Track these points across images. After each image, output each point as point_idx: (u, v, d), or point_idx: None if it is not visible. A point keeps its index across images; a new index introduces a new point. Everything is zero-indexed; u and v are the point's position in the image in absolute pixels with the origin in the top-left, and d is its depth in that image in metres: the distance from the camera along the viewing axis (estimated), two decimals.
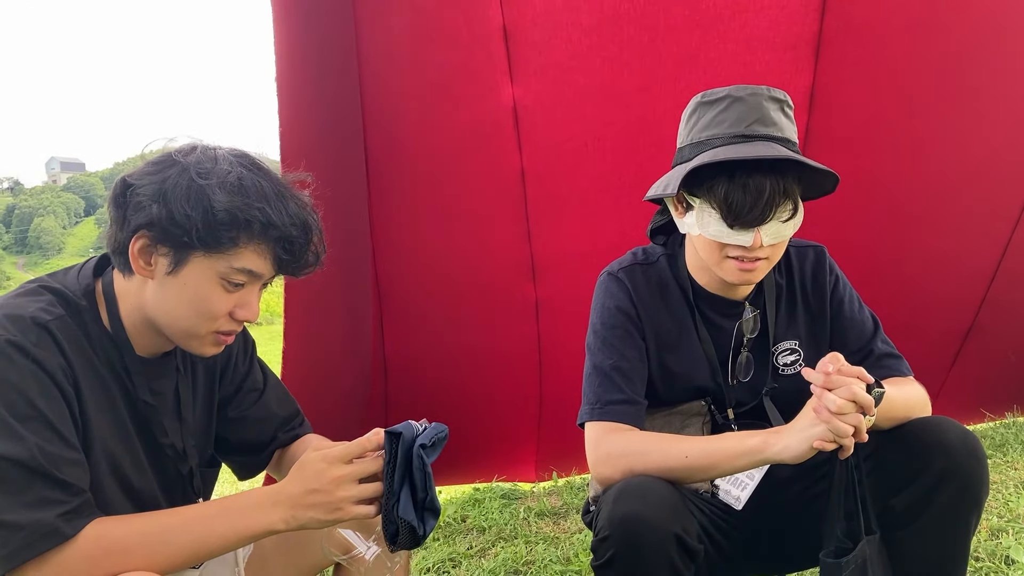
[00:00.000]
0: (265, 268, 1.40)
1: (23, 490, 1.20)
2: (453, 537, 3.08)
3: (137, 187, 1.35)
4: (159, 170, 1.35)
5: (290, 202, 1.40)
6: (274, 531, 1.35)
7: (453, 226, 2.93)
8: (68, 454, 1.26)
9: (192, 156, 1.37)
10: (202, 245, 1.33)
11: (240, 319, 1.42)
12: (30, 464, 1.21)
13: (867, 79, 2.77)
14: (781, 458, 1.47)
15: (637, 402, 1.71)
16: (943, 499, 1.50)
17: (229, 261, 1.35)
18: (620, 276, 1.80)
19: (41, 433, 1.23)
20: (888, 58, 2.74)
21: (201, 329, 1.40)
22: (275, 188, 1.39)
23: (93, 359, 1.39)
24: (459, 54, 2.64)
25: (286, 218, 1.37)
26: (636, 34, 2.63)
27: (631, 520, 1.44)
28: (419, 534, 1.36)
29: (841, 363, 1.43)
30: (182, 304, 1.38)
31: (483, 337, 3.14)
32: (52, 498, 1.22)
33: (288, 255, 1.40)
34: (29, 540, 1.19)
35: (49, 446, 1.23)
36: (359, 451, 1.35)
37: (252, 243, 1.36)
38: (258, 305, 1.44)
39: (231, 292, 1.39)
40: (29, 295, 1.36)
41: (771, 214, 1.56)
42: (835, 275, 1.82)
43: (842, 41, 2.69)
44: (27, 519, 1.19)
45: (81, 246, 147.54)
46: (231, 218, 1.32)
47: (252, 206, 1.33)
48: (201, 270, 1.36)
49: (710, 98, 1.65)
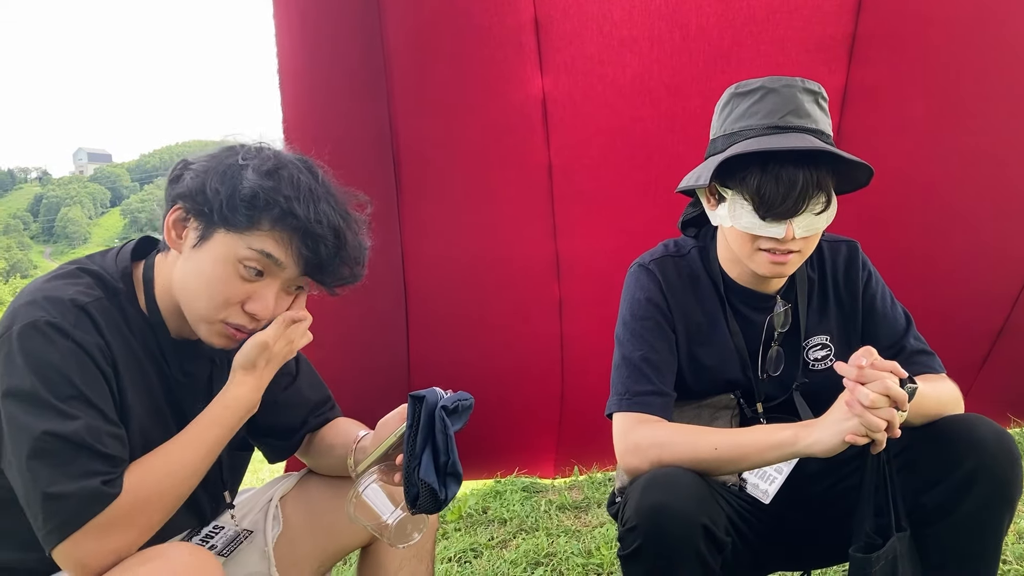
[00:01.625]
0: (285, 258, 1.38)
1: (69, 462, 1.23)
2: (474, 527, 3.09)
3: (191, 164, 1.39)
4: (217, 154, 1.40)
5: (323, 203, 1.39)
6: (252, 411, 1.49)
7: (480, 224, 2.92)
8: (110, 428, 1.29)
9: (251, 147, 1.41)
10: (222, 221, 1.35)
11: (250, 312, 1.40)
12: (74, 439, 1.23)
13: (902, 80, 2.73)
14: (812, 451, 1.46)
15: (666, 394, 1.70)
16: (975, 497, 1.48)
17: (248, 242, 1.36)
18: (651, 267, 1.80)
19: (84, 410, 1.26)
20: (925, 58, 2.69)
21: (211, 313, 1.40)
22: (315, 188, 1.39)
23: (130, 340, 1.41)
24: (490, 48, 2.63)
25: (312, 214, 1.36)
26: (667, 31, 2.60)
27: (659, 510, 1.44)
28: (440, 498, 1.37)
29: (875, 357, 1.42)
30: (199, 281, 1.39)
31: (506, 336, 3.14)
32: (96, 469, 1.24)
33: (312, 253, 1.38)
34: (79, 507, 1.22)
35: (93, 421, 1.26)
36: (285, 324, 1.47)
37: (273, 229, 1.36)
38: (272, 303, 1.42)
39: (248, 280, 1.38)
40: (68, 277, 1.38)
41: (804, 206, 1.55)
42: (868, 270, 1.81)
43: (877, 42, 2.65)
44: (73, 488, 1.22)
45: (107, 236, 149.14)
46: (252, 196, 1.34)
47: (279, 191, 1.35)
48: (221, 249, 1.37)
49: (744, 89, 1.65)
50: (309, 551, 1.67)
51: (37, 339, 1.26)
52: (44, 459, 1.22)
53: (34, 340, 1.26)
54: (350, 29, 2.55)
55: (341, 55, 2.57)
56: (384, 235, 2.77)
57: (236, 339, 1.44)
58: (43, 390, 1.24)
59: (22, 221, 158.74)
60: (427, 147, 2.77)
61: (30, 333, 1.26)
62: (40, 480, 1.22)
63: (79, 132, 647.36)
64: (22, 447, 1.23)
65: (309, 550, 1.67)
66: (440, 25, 2.61)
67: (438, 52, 2.63)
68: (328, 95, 2.59)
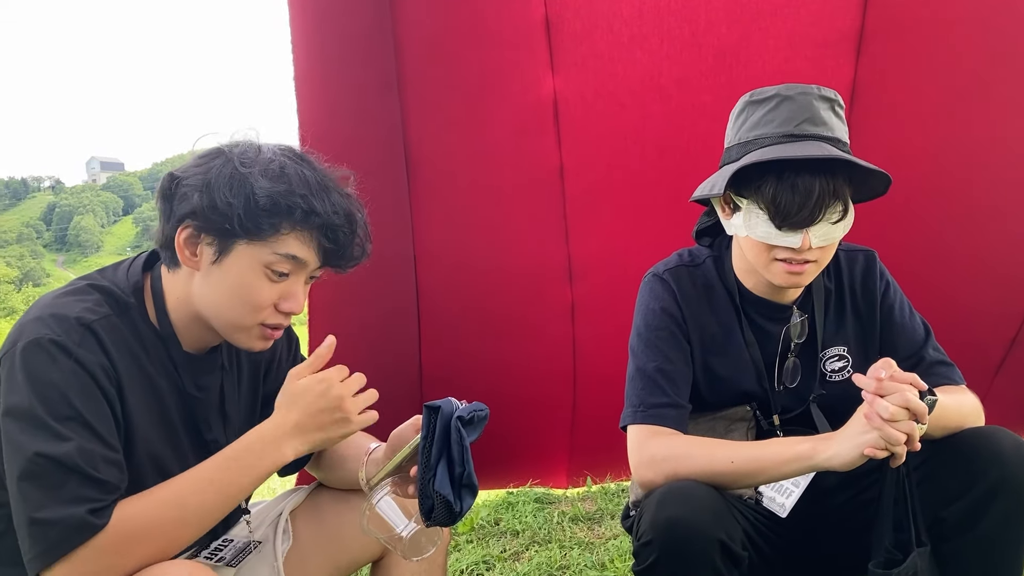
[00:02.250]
0: (309, 256, 1.40)
1: (58, 487, 1.21)
2: (486, 540, 3.07)
3: (183, 179, 1.37)
4: (204, 162, 1.38)
5: (333, 192, 1.41)
6: (283, 462, 1.38)
7: (492, 227, 2.91)
8: (106, 453, 1.27)
9: (237, 148, 1.39)
10: (244, 232, 1.34)
11: (285, 311, 1.43)
12: (67, 462, 1.21)
13: (910, 75, 2.73)
14: (830, 465, 1.44)
15: (681, 406, 1.68)
16: (997, 511, 1.46)
17: (273, 248, 1.36)
18: (665, 277, 1.78)
19: (80, 432, 1.24)
20: (932, 54, 2.70)
21: (247, 320, 1.41)
22: (319, 178, 1.40)
23: (140, 357, 1.40)
24: (501, 49, 2.63)
25: (328, 206, 1.38)
26: (677, 26, 2.62)
27: (675, 525, 1.42)
28: (455, 510, 1.35)
29: (894, 369, 1.40)
30: (227, 294, 1.39)
31: (518, 340, 3.12)
32: (86, 495, 1.22)
33: (332, 243, 1.41)
34: (63, 535, 1.20)
35: (87, 444, 1.24)
36: (322, 362, 1.41)
37: (295, 231, 1.37)
38: (304, 298, 1.44)
39: (276, 282, 1.40)
40: (77, 294, 1.37)
41: (820, 215, 1.53)
42: (885, 280, 1.79)
43: (884, 37, 2.66)
44: (59, 515, 1.20)
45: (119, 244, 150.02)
46: (272, 204, 1.33)
47: (294, 193, 1.35)
48: (245, 259, 1.37)
49: (758, 97, 1.63)
50: (319, 566, 1.65)
51: (40, 357, 1.25)
52: (34, 481, 1.21)
53: (37, 358, 1.25)
54: (363, 31, 2.56)
55: (353, 57, 2.57)
56: (396, 237, 2.78)
57: (274, 337, 1.46)
58: (41, 409, 1.23)
59: (35, 230, 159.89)
60: (438, 149, 2.77)
61: (33, 351, 1.25)
62: (29, 503, 1.21)
63: (92, 141, 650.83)
64: (14, 467, 1.22)
65: (319, 565, 1.65)
66: (452, 28, 2.62)
67: (450, 55, 2.64)
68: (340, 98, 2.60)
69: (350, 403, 1.38)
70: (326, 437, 1.38)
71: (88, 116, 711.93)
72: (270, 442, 1.37)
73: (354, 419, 1.38)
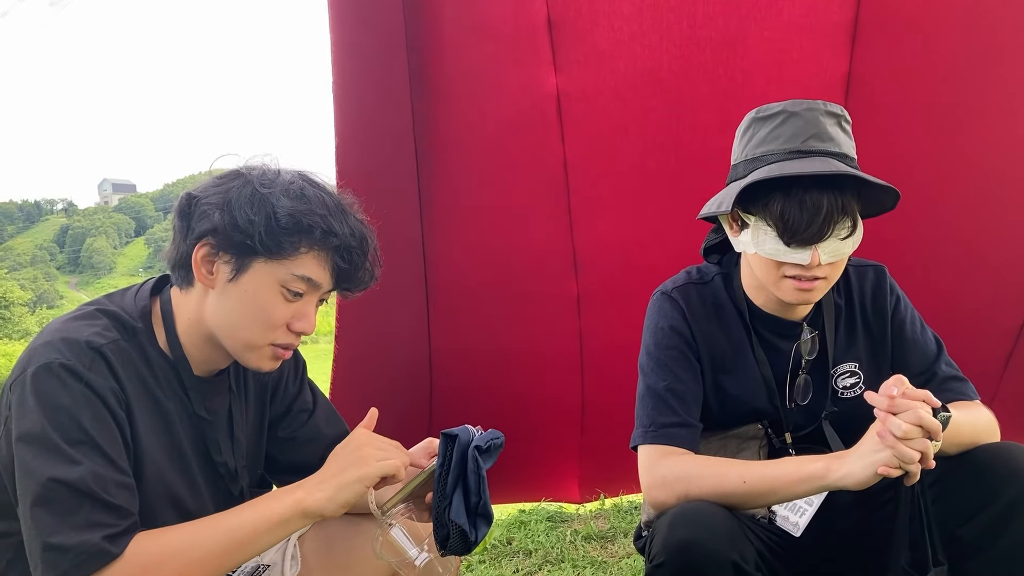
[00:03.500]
0: (324, 278, 1.41)
1: (72, 512, 1.21)
2: (499, 560, 3.04)
3: (202, 199, 1.38)
4: (223, 183, 1.39)
5: (350, 215, 1.43)
6: (301, 509, 1.34)
7: (499, 220, 2.95)
8: (118, 477, 1.27)
9: (255, 171, 1.41)
10: (264, 250, 1.35)
11: (297, 331, 1.43)
12: (80, 487, 1.22)
13: (903, 69, 2.76)
14: (844, 484, 1.42)
15: (692, 425, 1.67)
16: (1014, 529, 1.44)
17: (290, 268, 1.38)
18: (674, 296, 1.77)
19: (92, 456, 1.25)
20: (925, 48, 2.72)
21: (260, 339, 1.41)
22: (336, 201, 1.42)
23: (149, 381, 1.40)
24: (505, 46, 2.70)
25: (346, 228, 1.40)
26: (675, 21, 2.67)
27: (687, 546, 1.40)
28: (470, 540, 1.34)
29: (906, 386, 1.39)
30: (242, 312, 1.39)
31: (525, 334, 3.14)
32: (100, 521, 1.22)
33: (347, 265, 1.42)
34: (77, 561, 1.20)
35: (100, 469, 1.24)
36: None
37: (313, 250, 1.38)
38: (315, 319, 1.45)
39: (290, 302, 1.41)
40: (85, 319, 1.38)
41: (829, 231, 1.52)
42: (896, 295, 1.77)
43: (878, 29, 2.70)
44: (74, 541, 1.20)
45: (131, 266, 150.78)
46: (294, 223, 1.35)
47: (314, 213, 1.36)
48: (262, 277, 1.38)
49: (764, 113, 1.62)
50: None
51: (50, 382, 1.25)
52: (48, 507, 1.21)
53: (47, 383, 1.25)
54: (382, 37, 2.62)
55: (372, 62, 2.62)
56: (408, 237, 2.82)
57: (284, 357, 1.47)
58: (53, 433, 1.23)
59: (48, 252, 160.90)
60: (445, 149, 2.80)
61: (44, 376, 1.26)
62: (42, 529, 1.21)
63: (104, 163, 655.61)
64: (28, 493, 1.22)
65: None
66: (460, 31, 2.68)
67: (458, 53, 2.70)
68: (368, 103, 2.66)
69: (367, 449, 1.37)
70: (342, 483, 1.34)
71: (100, 138, 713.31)
72: (289, 489, 1.38)
73: (370, 461, 1.35)
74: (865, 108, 2.74)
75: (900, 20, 2.68)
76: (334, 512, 1.35)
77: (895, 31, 2.70)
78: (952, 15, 2.68)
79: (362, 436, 1.41)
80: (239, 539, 1.32)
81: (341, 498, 1.34)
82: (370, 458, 1.36)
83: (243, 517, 1.34)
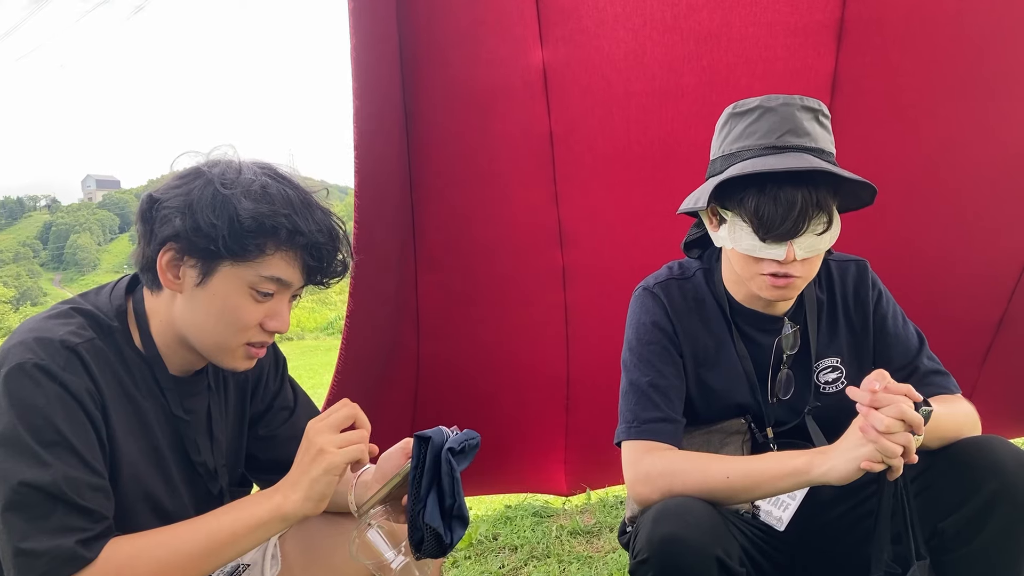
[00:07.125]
0: (294, 276, 1.39)
1: (45, 516, 1.20)
2: (485, 556, 3.04)
3: (163, 201, 1.34)
4: (184, 183, 1.35)
5: (316, 210, 1.39)
6: (281, 513, 1.33)
7: (485, 189, 2.94)
8: (92, 480, 1.25)
9: (216, 168, 1.37)
10: (229, 254, 1.32)
11: (271, 330, 1.41)
12: (52, 491, 1.20)
13: (889, 69, 2.77)
14: (826, 480, 1.43)
15: (675, 420, 1.67)
16: (996, 522, 1.44)
17: (257, 270, 1.35)
18: (656, 291, 1.76)
19: (65, 459, 1.23)
20: (910, 48, 2.73)
21: (232, 341, 1.39)
22: (301, 196, 1.38)
23: (125, 381, 1.38)
24: (493, 13, 2.67)
25: (312, 225, 1.36)
26: (659, 9, 2.67)
27: (671, 542, 1.40)
28: (445, 542, 1.34)
29: (888, 381, 1.39)
30: (212, 316, 1.37)
31: (511, 303, 3.14)
32: (73, 525, 1.21)
33: (316, 262, 1.39)
34: (50, 567, 1.19)
35: (73, 472, 1.23)
36: None
37: (280, 251, 1.36)
38: (289, 316, 1.43)
39: (261, 302, 1.38)
40: (60, 317, 1.35)
41: (804, 227, 1.52)
42: (878, 290, 1.77)
43: (864, 29, 2.69)
44: (46, 546, 1.19)
45: (116, 262, 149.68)
46: (257, 225, 1.32)
47: (278, 213, 1.33)
48: (230, 280, 1.35)
49: (741, 109, 1.62)
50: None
51: (24, 382, 1.23)
52: (20, 512, 1.19)
53: (21, 383, 1.23)
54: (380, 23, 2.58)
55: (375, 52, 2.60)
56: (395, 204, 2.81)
57: (259, 355, 1.44)
58: (25, 434, 1.21)
59: (32, 249, 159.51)
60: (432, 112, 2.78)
61: (17, 375, 1.24)
62: (14, 533, 1.19)
63: (87, 159, 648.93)
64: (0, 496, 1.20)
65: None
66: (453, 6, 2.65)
67: (451, 34, 2.68)
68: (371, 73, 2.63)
69: (322, 438, 1.33)
70: (311, 478, 1.32)
71: (83, 134, 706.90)
72: (267, 493, 1.36)
73: (329, 450, 1.32)
74: (851, 107, 2.76)
75: (884, 19, 2.68)
76: (313, 510, 1.34)
77: (879, 31, 2.69)
78: (941, 17, 2.67)
79: (311, 429, 1.36)
80: (217, 544, 1.31)
81: (315, 494, 1.32)
82: (329, 446, 1.32)
83: (221, 521, 1.33)
